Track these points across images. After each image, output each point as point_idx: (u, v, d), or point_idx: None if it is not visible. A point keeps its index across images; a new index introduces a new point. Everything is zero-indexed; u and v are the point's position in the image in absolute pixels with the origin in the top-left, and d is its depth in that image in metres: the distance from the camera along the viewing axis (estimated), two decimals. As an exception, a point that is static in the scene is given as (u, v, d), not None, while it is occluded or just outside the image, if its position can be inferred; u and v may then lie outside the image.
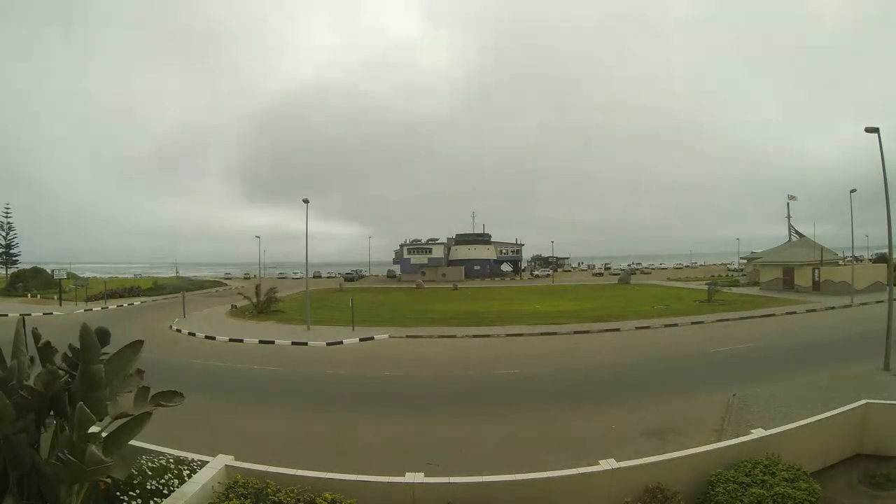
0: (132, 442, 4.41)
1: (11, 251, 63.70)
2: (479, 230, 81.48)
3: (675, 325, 24.68)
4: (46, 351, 4.48)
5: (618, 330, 23.46)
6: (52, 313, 32.17)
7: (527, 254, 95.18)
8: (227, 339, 22.40)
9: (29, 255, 66.50)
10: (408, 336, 22.89)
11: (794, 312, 28.07)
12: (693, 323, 25.11)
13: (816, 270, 38.96)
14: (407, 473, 5.73)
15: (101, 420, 4.00)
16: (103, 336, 4.12)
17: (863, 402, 7.85)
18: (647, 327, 24.10)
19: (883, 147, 14.87)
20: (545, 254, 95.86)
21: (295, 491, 5.11)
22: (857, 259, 45.22)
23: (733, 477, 5.79)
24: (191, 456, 5.70)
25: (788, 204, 53.52)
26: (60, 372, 4.24)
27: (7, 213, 63.20)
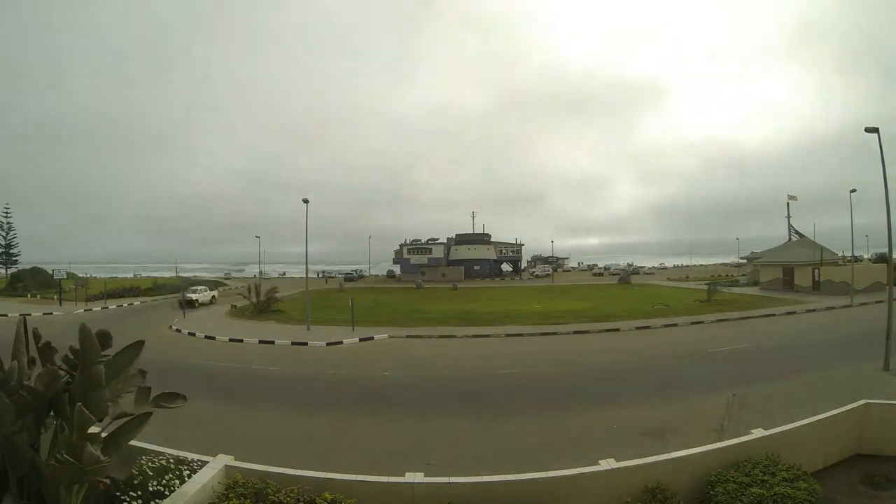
0: (132, 442, 4.41)
1: (11, 251, 63.62)
2: (479, 230, 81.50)
3: (675, 324, 24.70)
4: (46, 351, 4.48)
5: (618, 330, 23.47)
6: (51, 313, 32.16)
7: (526, 254, 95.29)
8: (227, 338, 22.38)
9: (30, 255, 66.46)
10: (408, 336, 22.88)
11: (794, 312, 28.09)
12: (693, 323, 25.13)
13: (816, 270, 38.98)
14: (407, 473, 5.73)
15: (101, 420, 3.99)
16: (104, 339, 4.12)
17: (863, 402, 7.85)
18: (647, 327, 24.12)
19: (883, 147, 14.88)
20: (545, 254, 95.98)
21: (295, 491, 5.11)
22: (856, 259, 45.19)
23: (733, 477, 5.80)
24: (191, 456, 5.69)
25: (788, 204, 53.60)
26: (61, 372, 4.24)
27: (7, 212, 63.18)
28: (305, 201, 26.31)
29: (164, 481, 5.04)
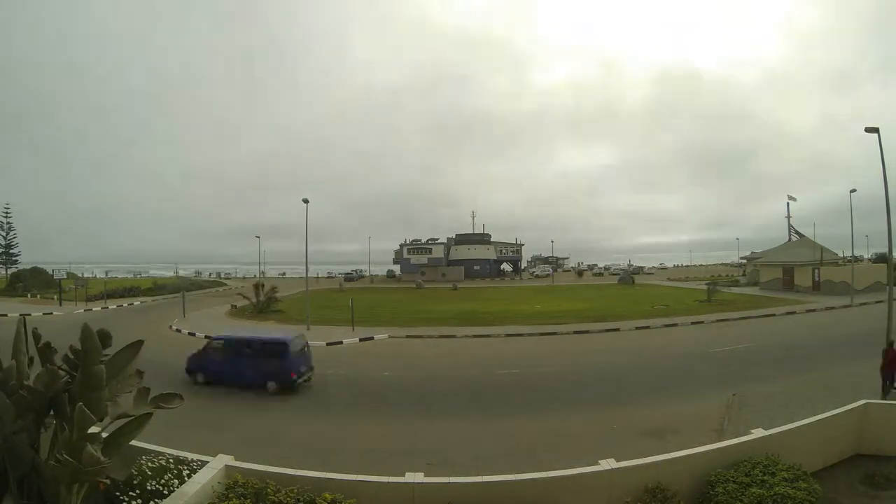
0: (132, 442, 4.41)
1: (11, 251, 63.62)
2: (479, 230, 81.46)
3: (675, 325, 24.69)
4: (46, 351, 4.49)
5: (618, 330, 23.47)
6: (51, 313, 32.15)
7: (526, 254, 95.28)
8: (227, 339, 22.34)
9: (30, 255, 66.37)
10: (408, 336, 22.88)
11: (794, 312, 28.08)
12: (693, 323, 25.12)
13: (816, 270, 38.96)
14: (407, 473, 5.74)
15: (100, 420, 3.99)
16: (104, 338, 4.12)
17: (863, 402, 7.86)
18: (647, 327, 24.11)
19: (883, 147, 14.89)
20: (545, 254, 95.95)
21: (295, 491, 5.12)
22: (856, 259, 45.19)
23: (733, 477, 5.80)
24: (191, 456, 5.69)
25: (788, 204, 53.61)
26: (60, 372, 4.24)
27: (7, 212, 63.17)
28: (305, 201, 26.32)
29: (162, 481, 5.04)
